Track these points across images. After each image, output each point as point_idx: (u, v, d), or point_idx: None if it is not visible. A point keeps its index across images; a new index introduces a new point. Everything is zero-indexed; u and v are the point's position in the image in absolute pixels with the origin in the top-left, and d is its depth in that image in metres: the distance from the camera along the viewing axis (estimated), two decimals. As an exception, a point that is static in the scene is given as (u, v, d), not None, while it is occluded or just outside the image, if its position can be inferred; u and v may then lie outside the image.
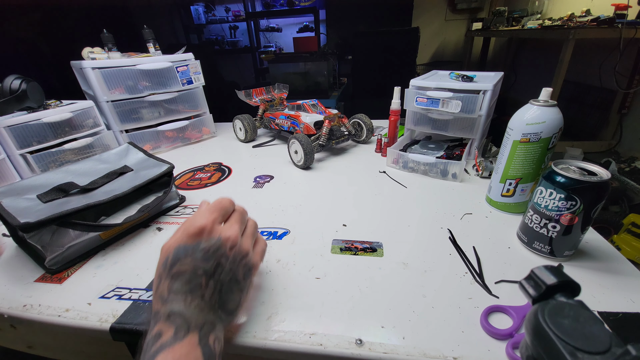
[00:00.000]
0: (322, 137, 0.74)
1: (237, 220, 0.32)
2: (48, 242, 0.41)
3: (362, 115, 0.84)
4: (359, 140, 0.86)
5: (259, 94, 0.95)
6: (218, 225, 0.30)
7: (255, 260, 0.33)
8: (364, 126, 0.83)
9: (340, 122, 0.78)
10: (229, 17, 3.62)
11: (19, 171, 0.66)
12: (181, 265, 0.27)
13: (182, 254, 0.28)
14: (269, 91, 0.96)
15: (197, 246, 0.28)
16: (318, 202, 0.58)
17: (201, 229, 0.28)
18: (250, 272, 0.31)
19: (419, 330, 0.33)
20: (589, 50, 1.90)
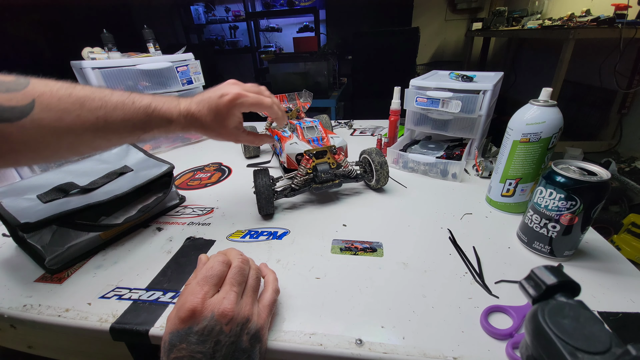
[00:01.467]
0: (296, 179, 0.55)
1: (232, 284, 0.30)
2: (48, 242, 0.41)
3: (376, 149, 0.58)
4: (369, 184, 0.61)
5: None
6: (210, 299, 0.28)
7: (261, 322, 0.30)
8: (373, 166, 0.57)
9: (334, 159, 0.55)
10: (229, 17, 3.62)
11: (19, 171, 0.66)
12: (178, 352, 0.26)
13: (176, 340, 0.26)
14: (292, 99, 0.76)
15: (190, 330, 0.26)
16: (318, 202, 0.58)
17: (191, 312, 0.26)
18: (257, 337, 0.29)
19: (419, 330, 0.33)
20: (589, 50, 1.90)
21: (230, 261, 0.32)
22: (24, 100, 0.29)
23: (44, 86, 0.31)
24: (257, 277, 0.33)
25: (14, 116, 0.29)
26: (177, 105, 0.39)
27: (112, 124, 0.35)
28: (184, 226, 0.52)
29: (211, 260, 0.31)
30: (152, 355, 0.37)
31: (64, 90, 0.32)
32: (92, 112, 0.33)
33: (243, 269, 0.32)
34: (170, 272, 0.42)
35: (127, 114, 0.35)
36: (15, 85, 0.30)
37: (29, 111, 0.30)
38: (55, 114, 0.31)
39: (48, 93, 0.31)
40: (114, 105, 0.34)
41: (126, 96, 0.36)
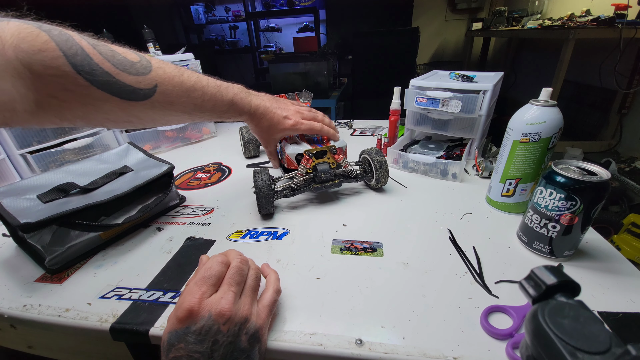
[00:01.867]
0: (296, 179, 0.55)
1: (230, 284, 0.30)
2: (48, 242, 0.41)
3: (376, 149, 0.59)
4: (369, 184, 0.62)
5: None
6: (208, 299, 0.28)
7: (260, 322, 0.30)
8: (373, 165, 0.57)
9: (334, 158, 0.56)
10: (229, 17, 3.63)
11: (19, 171, 0.66)
12: (176, 351, 0.26)
13: (174, 339, 0.26)
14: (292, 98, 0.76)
15: (188, 330, 0.26)
16: (318, 202, 0.58)
17: (189, 312, 0.27)
18: (256, 337, 0.29)
19: (419, 330, 0.33)
20: (589, 50, 1.91)
21: (229, 261, 0.32)
22: (149, 85, 0.34)
23: (163, 72, 0.36)
24: (256, 277, 0.33)
25: (140, 97, 0.34)
26: (249, 103, 0.48)
27: (203, 110, 0.42)
28: (184, 226, 0.52)
29: (210, 260, 0.31)
30: (152, 355, 0.37)
31: (177, 79, 0.38)
32: (193, 101, 0.40)
33: (242, 269, 0.32)
34: (170, 272, 0.42)
35: (216, 105, 0.43)
36: (142, 69, 0.34)
37: (151, 95, 0.35)
38: (168, 98, 0.37)
39: (167, 81, 0.36)
40: (209, 96, 0.42)
41: (217, 89, 0.43)
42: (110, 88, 0.31)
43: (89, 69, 0.29)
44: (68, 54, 0.28)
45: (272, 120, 0.50)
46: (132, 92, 0.33)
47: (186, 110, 0.40)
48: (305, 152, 0.54)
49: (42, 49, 0.27)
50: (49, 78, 0.28)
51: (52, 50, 0.27)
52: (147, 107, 0.35)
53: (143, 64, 0.34)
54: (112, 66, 0.31)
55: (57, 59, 0.27)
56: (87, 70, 0.29)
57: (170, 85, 0.36)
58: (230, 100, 0.45)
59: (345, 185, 0.63)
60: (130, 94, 0.33)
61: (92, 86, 0.30)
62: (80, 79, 0.29)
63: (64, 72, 0.28)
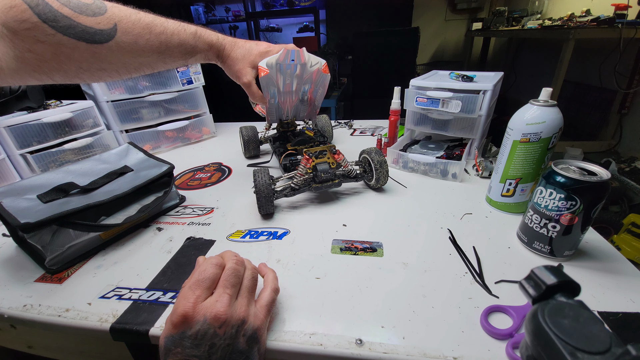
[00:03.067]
0: (295, 178, 0.55)
1: (225, 286, 0.29)
2: (48, 242, 0.41)
3: (376, 149, 0.59)
4: (368, 183, 0.62)
5: None
6: (202, 303, 0.28)
7: (258, 323, 0.30)
8: (373, 165, 0.57)
9: (334, 158, 0.56)
10: (229, 17, 3.62)
11: (19, 171, 0.66)
12: (174, 356, 0.26)
13: (171, 344, 0.26)
14: None
15: (183, 335, 0.26)
16: (318, 202, 0.58)
17: (183, 317, 0.26)
18: (254, 337, 0.29)
19: (419, 330, 0.33)
20: (589, 50, 1.90)
21: (224, 263, 0.32)
22: (108, 25, 0.34)
23: (118, 11, 0.36)
24: (252, 278, 0.33)
25: (104, 39, 0.34)
26: (215, 34, 0.48)
27: (170, 47, 0.41)
28: (184, 226, 0.52)
29: (204, 263, 0.31)
30: (152, 356, 0.37)
31: (134, 16, 0.37)
32: (157, 37, 0.40)
33: (237, 270, 0.31)
34: (170, 272, 0.42)
35: (181, 39, 0.42)
36: (98, 9, 0.34)
37: (113, 35, 0.35)
38: (131, 37, 0.37)
39: (125, 18, 0.36)
40: (171, 31, 0.41)
41: (178, 24, 0.43)
42: (74, 32, 0.32)
43: (51, 16, 0.30)
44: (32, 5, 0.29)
45: (244, 47, 0.50)
46: (95, 34, 0.33)
47: (153, 49, 0.40)
48: (305, 152, 0.54)
49: (12, 5, 0.29)
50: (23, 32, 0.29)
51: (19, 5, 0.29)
52: (114, 49, 0.35)
53: (97, 4, 0.35)
54: (70, 10, 0.32)
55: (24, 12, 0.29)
56: (50, 18, 0.30)
57: (129, 23, 0.36)
58: (194, 32, 0.44)
59: (345, 185, 0.63)
60: (95, 36, 0.33)
61: (58, 33, 0.31)
62: (47, 27, 0.30)
63: (33, 23, 0.29)
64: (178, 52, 0.43)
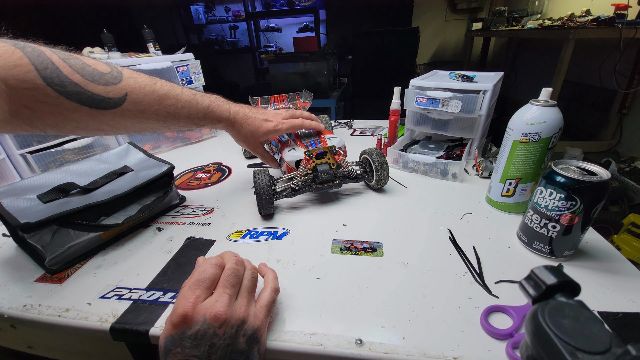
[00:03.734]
0: (296, 179, 0.55)
1: (225, 286, 0.30)
2: (48, 242, 0.41)
3: (376, 149, 0.58)
4: (369, 184, 0.62)
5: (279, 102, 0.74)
6: (202, 303, 0.28)
7: (257, 323, 0.30)
8: (374, 166, 0.57)
9: (334, 159, 0.55)
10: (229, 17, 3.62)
11: (19, 171, 0.66)
12: (174, 356, 0.26)
13: (171, 344, 0.26)
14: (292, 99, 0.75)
15: (183, 335, 0.26)
16: (318, 202, 0.58)
17: (183, 317, 0.27)
18: (254, 337, 0.29)
19: (419, 330, 0.33)
20: (589, 50, 1.91)
21: (224, 263, 0.32)
22: (119, 94, 0.36)
23: (134, 82, 0.38)
24: (252, 278, 0.33)
25: (109, 106, 0.35)
26: (227, 109, 0.49)
27: (178, 118, 0.43)
28: (184, 226, 0.52)
29: (204, 263, 0.31)
30: (152, 356, 0.37)
31: (149, 87, 0.39)
32: (166, 109, 0.41)
33: (237, 271, 0.31)
34: (170, 272, 0.42)
35: (191, 112, 0.44)
36: (112, 79, 0.36)
37: (121, 103, 0.36)
38: (140, 107, 0.38)
39: (137, 90, 0.38)
40: (182, 104, 0.42)
41: (192, 97, 0.44)
42: (79, 98, 0.33)
43: (58, 81, 0.31)
44: (39, 68, 0.30)
45: (253, 125, 0.51)
46: (102, 101, 0.34)
47: (159, 118, 0.41)
48: (305, 153, 0.54)
49: (17, 65, 0.29)
50: (23, 91, 0.30)
51: (25, 65, 0.29)
52: (117, 115, 0.37)
53: (113, 75, 0.36)
54: (81, 77, 0.33)
55: (29, 72, 0.30)
56: (56, 83, 0.31)
57: (141, 94, 0.38)
58: (207, 107, 0.46)
59: (346, 186, 0.63)
60: (100, 103, 0.34)
61: (61, 97, 0.31)
62: (50, 90, 0.31)
63: (36, 84, 0.30)
64: (184, 122, 0.44)
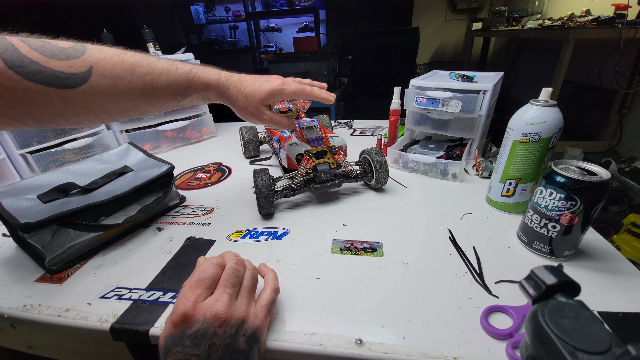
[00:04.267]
0: (296, 179, 0.55)
1: (226, 286, 0.30)
2: (48, 242, 0.41)
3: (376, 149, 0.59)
4: (369, 183, 0.62)
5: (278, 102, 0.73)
6: (202, 303, 0.28)
7: (257, 322, 0.30)
8: (373, 165, 0.57)
9: (334, 159, 0.55)
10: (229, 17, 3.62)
11: (19, 171, 0.66)
12: (174, 355, 0.26)
13: (171, 344, 0.27)
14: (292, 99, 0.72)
15: (183, 334, 0.26)
16: (318, 202, 0.58)
17: (183, 316, 0.27)
18: (254, 337, 0.29)
19: (419, 330, 0.33)
20: (589, 50, 1.90)
21: (224, 263, 0.32)
22: (82, 68, 0.32)
23: (99, 53, 0.34)
24: (252, 278, 0.33)
25: (75, 83, 0.32)
26: (217, 72, 0.42)
27: (157, 89, 0.37)
28: (184, 226, 0.52)
29: (204, 263, 0.31)
30: (152, 355, 0.37)
31: (117, 57, 0.35)
32: (141, 78, 0.36)
33: (237, 270, 0.31)
34: (170, 272, 0.42)
35: (170, 79, 0.38)
36: (74, 52, 0.32)
37: (87, 78, 0.32)
38: (109, 80, 0.34)
39: (103, 60, 0.34)
40: (159, 71, 0.37)
41: (170, 63, 0.39)
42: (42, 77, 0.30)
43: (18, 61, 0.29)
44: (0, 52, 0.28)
45: (252, 85, 0.43)
46: (67, 79, 0.31)
47: (136, 92, 0.36)
48: (305, 152, 0.54)
49: None
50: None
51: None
52: (88, 92, 0.33)
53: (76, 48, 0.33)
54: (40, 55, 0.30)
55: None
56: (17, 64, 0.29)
57: (108, 65, 0.34)
58: (188, 72, 0.39)
59: (345, 185, 0.63)
60: (65, 81, 0.31)
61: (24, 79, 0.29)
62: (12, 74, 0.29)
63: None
64: (167, 93, 0.38)
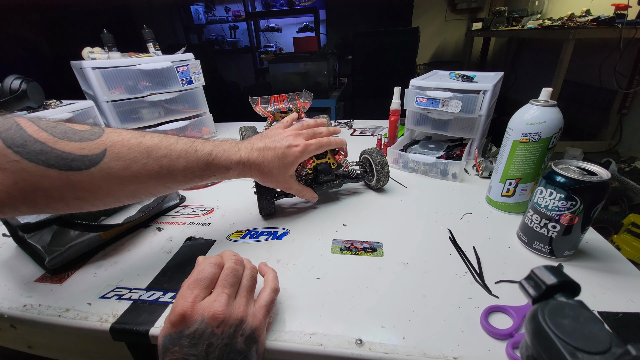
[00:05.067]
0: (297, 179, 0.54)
1: (224, 286, 0.29)
2: (48, 242, 0.41)
3: (377, 149, 0.59)
4: (369, 184, 0.62)
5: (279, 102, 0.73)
6: (200, 303, 0.28)
7: (256, 322, 0.30)
8: (374, 165, 0.57)
9: (335, 159, 0.55)
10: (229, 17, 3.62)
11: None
12: (172, 355, 0.26)
13: (169, 343, 0.27)
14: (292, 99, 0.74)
15: (181, 334, 0.26)
16: (318, 202, 0.58)
17: (181, 316, 0.27)
18: (252, 337, 0.29)
19: (419, 330, 0.33)
20: (589, 50, 1.90)
21: (223, 263, 0.32)
22: (96, 150, 0.30)
23: (117, 135, 0.32)
24: (251, 277, 0.33)
25: (84, 165, 0.30)
26: (237, 152, 0.41)
27: (174, 172, 0.35)
28: (184, 226, 0.52)
29: (203, 262, 0.31)
30: (152, 355, 0.37)
31: (135, 140, 0.33)
32: (157, 161, 0.34)
33: (236, 270, 0.31)
34: (170, 272, 0.42)
35: (189, 163, 0.36)
36: (89, 135, 0.31)
37: (99, 160, 0.30)
38: (123, 162, 0.32)
39: (119, 143, 0.32)
40: (177, 154, 0.36)
41: (189, 144, 0.37)
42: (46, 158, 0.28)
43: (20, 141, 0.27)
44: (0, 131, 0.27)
45: (276, 157, 0.43)
46: (73, 160, 0.29)
47: (151, 175, 0.34)
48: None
49: None
50: None
51: None
52: (96, 175, 0.30)
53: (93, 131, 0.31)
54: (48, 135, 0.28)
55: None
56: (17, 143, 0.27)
57: (124, 148, 0.32)
58: (208, 154, 0.38)
59: (346, 186, 0.63)
60: (71, 162, 0.29)
61: (23, 159, 0.27)
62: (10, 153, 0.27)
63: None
64: (183, 176, 0.36)
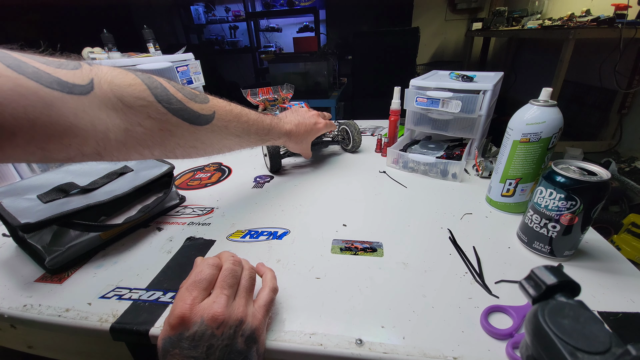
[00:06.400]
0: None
1: (223, 287, 0.30)
2: (48, 242, 0.41)
3: (353, 122, 0.80)
4: (346, 148, 0.83)
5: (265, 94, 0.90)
6: (199, 305, 0.28)
7: (256, 323, 0.30)
8: (351, 134, 0.78)
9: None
10: (229, 17, 3.63)
11: (19, 171, 0.66)
12: (172, 357, 0.26)
13: (169, 346, 0.27)
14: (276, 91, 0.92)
15: (181, 336, 0.26)
16: (318, 202, 0.58)
17: (180, 319, 0.27)
18: (252, 338, 0.29)
19: (419, 330, 0.33)
20: (589, 50, 1.91)
21: (221, 264, 0.32)
22: (209, 111, 0.41)
23: (217, 102, 0.43)
24: (250, 278, 0.33)
25: (205, 121, 0.40)
26: (284, 125, 0.58)
27: (250, 134, 0.49)
28: (184, 226, 0.52)
29: (201, 264, 0.31)
30: (152, 356, 0.37)
31: (228, 107, 0.45)
32: (241, 124, 0.46)
33: (234, 271, 0.31)
34: (170, 272, 0.42)
35: (258, 129, 0.50)
36: (203, 98, 0.41)
37: (211, 119, 0.41)
38: (224, 123, 0.43)
39: (221, 108, 0.43)
40: (253, 121, 0.49)
41: (257, 116, 0.50)
42: (182, 114, 0.37)
43: (167, 98, 0.35)
44: (151, 87, 0.34)
45: (307, 131, 0.63)
46: (198, 118, 0.39)
47: (237, 133, 0.46)
48: None
49: (132, 84, 0.32)
50: (138, 108, 0.33)
51: (139, 85, 0.33)
52: (209, 130, 0.41)
53: (203, 96, 0.42)
54: (183, 96, 0.37)
55: (143, 91, 0.33)
56: (165, 100, 0.35)
57: (224, 112, 0.43)
58: (269, 124, 0.54)
59: (346, 182, 0.63)
60: (197, 119, 0.39)
61: (169, 113, 0.35)
62: (160, 107, 0.34)
63: (149, 102, 0.33)
64: (254, 139, 0.50)
